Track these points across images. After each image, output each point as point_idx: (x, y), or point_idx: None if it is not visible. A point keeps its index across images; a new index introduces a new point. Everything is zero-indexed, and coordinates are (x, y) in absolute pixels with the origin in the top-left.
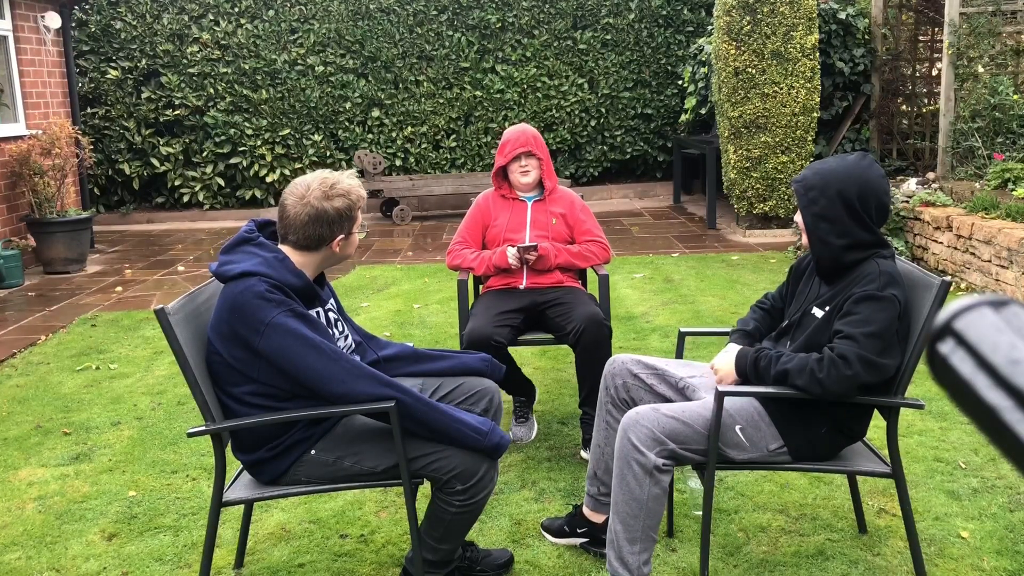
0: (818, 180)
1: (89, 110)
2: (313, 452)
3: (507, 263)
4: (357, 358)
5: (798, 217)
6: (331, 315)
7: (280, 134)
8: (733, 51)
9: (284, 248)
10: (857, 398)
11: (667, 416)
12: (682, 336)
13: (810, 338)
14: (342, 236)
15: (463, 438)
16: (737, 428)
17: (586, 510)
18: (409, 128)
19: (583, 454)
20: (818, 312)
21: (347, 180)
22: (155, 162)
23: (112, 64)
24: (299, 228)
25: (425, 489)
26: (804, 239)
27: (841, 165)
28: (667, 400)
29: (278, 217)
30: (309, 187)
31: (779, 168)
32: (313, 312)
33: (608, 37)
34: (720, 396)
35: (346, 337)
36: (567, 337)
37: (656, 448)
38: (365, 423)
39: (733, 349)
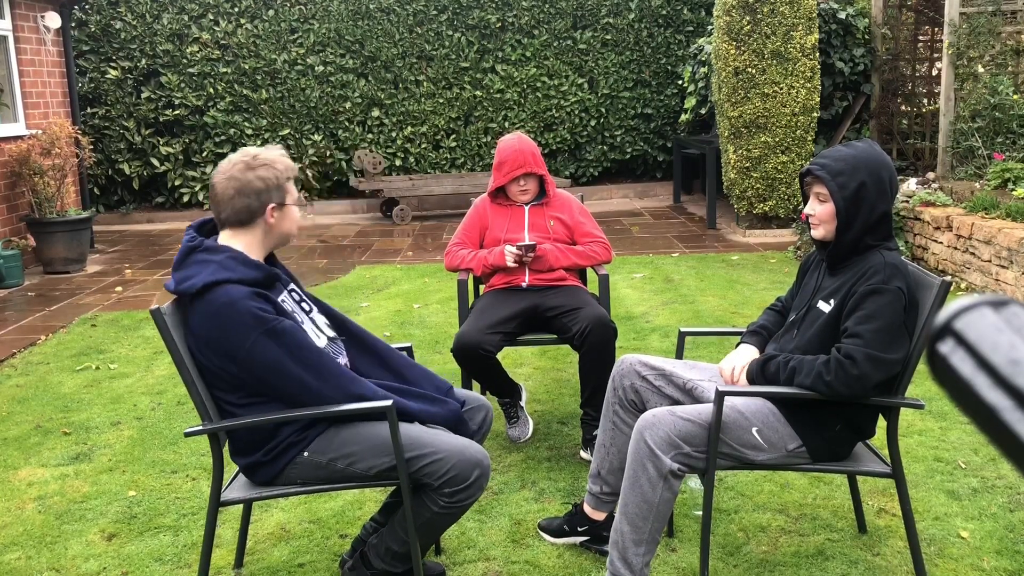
0: (844, 166)
1: (89, 110)
2: (306, 454)
3: (504, 262)
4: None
5: (816, 207)
6: (295, 295)
7: (280, 134)
8: (733, 51)
9: (224, 235)
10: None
11: (683, 419)
12: (682, 336)
13: (818, 332)
14: (273, 205)
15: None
16: (754, 430)
17: (587, 508)
18: (409, 128)
19: (583, 454)
20: (823, 306)
21: (270, 153)
22: (155, 162)
23: (112, 64)
24: (227, 203)
25: None
26: (820, 230)
27: (860, 150)
28: (675, 401)
29: (211, 202)
30: (233, 163)
31: (779, 168)
32: (280, 297)
33: (608, 37)
34: (720, 396)
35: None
36: (573, 339)
37: (672, 452)
38: (357, 425)
39: (742, 349)
